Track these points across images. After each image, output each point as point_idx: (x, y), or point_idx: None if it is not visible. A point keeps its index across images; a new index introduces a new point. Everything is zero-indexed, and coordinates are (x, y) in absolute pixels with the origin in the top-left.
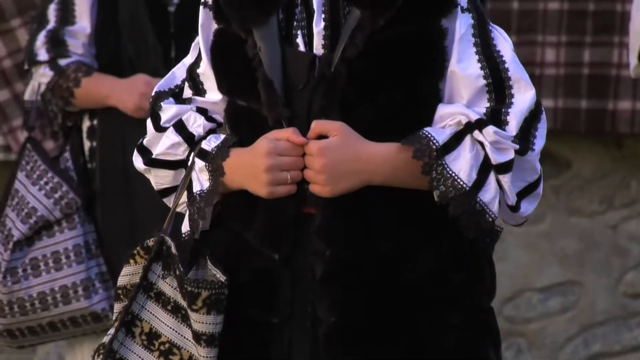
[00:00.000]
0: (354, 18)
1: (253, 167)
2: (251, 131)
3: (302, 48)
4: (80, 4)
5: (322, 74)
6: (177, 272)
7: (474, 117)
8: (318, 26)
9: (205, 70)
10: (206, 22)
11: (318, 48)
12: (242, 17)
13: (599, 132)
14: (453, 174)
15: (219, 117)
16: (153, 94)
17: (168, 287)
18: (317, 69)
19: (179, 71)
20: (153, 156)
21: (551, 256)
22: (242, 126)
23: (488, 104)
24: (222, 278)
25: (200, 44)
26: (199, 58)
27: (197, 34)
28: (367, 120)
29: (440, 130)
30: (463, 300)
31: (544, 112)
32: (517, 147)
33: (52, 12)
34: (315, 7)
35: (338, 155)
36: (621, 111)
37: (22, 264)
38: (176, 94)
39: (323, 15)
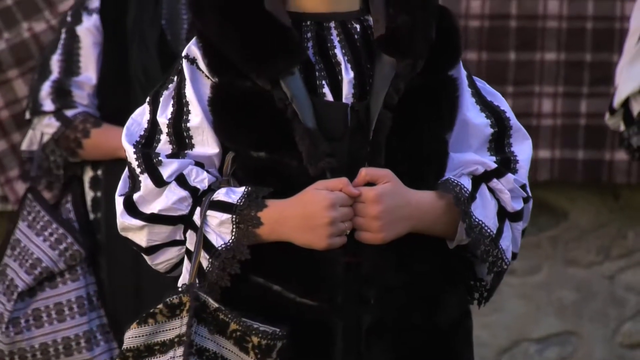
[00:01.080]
0: (388, 66)
1: (309, 219)
2: (278, 183)
3: (329, 98)
4: (86, 54)
5: (357, 123)
6: (236, 326)
7: (492, 165)
8: (348, 75)
9: (201, 124)
10: (193, 77)
11: (348, 97)
12: (270, 69)
13: (596, 182)
14: (480, 222)
15: (214, 171)
16: (134, 151)
17: (211, 342)
18: (351, 118)
19: (133, 127)
20: (156, 211)
21: (548, 306)
22: (267, 178)
23: (488, 153)
24: (277, 329)
25: (191, 97)
26: (183, 112)
27: None
28: (404, 168)
29: (462, 178)
30: (472, 348)
31: None
32: (525, 195)
33: (55, 62)
34: (340, 57)
35: (392, 201)
36: (618, 162)
37: (25, 315)
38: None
39: (349, 65)
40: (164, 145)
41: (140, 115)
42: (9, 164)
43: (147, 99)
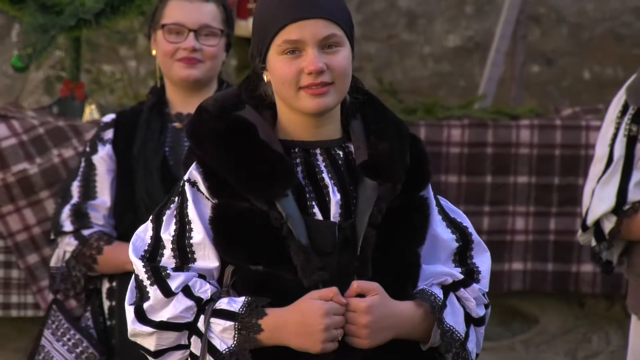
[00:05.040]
0: (371, 189)
1: (306, 326)
2: (274, 293)
3: (319, 217)
4: (101, 181)
5: (345, 239)
6: None
7: (459, 276)
8: (335, 197)
9: (203, 241)
10: (195, 198)
11: (335, 216)
12: (267, 192)
13: (564, 292)
14: (452, 327)
15: (214, 282)
16: (143, 265)
17: None
18: (339, 235)
19: (137, 243)
20: (165, 319)
21: None
22: (264, 289)
23: (453, 264)
24: None
25: (193, 217)
26: (185, 230)
27: None
28: (389, 279)
29: (433, 288)
30: None
31: None
32: (487, 301)
33: (75, 188)
34: (327, 181)
35: (380, 312)
36: (583, 273)
37: None
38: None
39: (336, 188)
40: (168, 260)
41: (144, 232)
42: (40, 275)
43: (150, 217)
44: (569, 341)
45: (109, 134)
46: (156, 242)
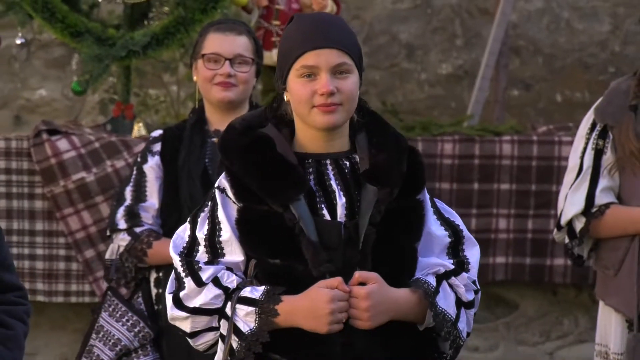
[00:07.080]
0: (371, 193)
1: (314, 310)
2: (289, 283)
3: (327, 217)
4: (151, 186)
5: (349, 237)
6: None
7: (450, 266)
8: (341, 200)
9: (230, 238)
10: (224, 202)
11: (341, 217)
12: (282, 197)
13: (540, 282)
14: (444, 310)
15: (240, 274)
16: (180, 260)
17: None
18: (344, 233)
19: (177, 240)
20: (197, 305)
21: None
22: (281, 279)
23: (447, 256)
24: None
25: (222, 218)
26: (216, 229)
27: None
28: (385, 270)
29: (428, 277)
30: None
31: None
32: (476, 288)
33: (128, 192)
34: (334, 186)
35: (378, 298)
36: (556, 266)
37: None
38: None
39: (342, 192)
40: (201, 255)
41: (183, 231)
42: (95, 267)
43: (188, 219)
44: (543, 324)
45: (157, 146)
46: (192, 240)
